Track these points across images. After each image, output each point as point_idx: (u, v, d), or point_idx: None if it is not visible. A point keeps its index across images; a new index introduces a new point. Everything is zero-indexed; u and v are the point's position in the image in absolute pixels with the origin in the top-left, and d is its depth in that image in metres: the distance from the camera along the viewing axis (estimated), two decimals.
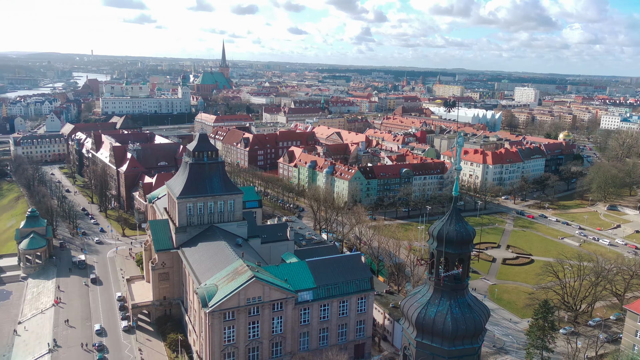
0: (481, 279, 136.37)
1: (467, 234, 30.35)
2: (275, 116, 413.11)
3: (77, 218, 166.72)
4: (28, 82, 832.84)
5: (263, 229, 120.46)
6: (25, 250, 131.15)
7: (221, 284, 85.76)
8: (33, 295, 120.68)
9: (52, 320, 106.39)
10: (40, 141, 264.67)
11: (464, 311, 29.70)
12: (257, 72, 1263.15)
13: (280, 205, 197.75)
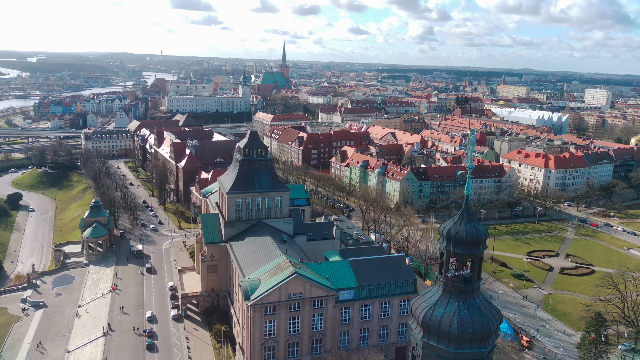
0: (535, 288, 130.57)
1: (477, 235, 29.32)
2: (331, 116, 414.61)
3: (137, 210, 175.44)
4: (102, 80, 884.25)
5: (309, 227, 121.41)
6: (88, 239, 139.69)
7: (264, 278, 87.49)
8: (93, 281, 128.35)
9: (109, 306, 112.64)
10: (108, 136, 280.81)
11: (473, 314, 28.71)
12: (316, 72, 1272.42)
13: (330, 204, 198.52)
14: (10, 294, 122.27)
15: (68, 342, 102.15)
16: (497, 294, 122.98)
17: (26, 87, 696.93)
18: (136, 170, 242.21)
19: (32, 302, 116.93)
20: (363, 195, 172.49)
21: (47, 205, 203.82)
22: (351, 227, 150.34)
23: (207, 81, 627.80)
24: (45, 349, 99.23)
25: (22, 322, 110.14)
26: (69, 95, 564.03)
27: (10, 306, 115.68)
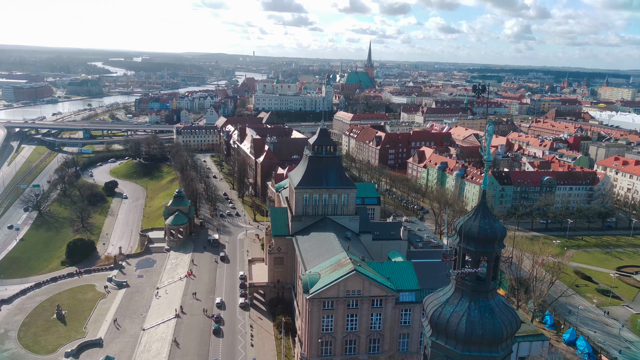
0: (622, 306, 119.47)
1: (491, 232, 27.36)
2: (413, 116, 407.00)
3: (217, 201, 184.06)
4: (197, 79, 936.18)
5: (376, 226, 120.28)
6: (170, 226, 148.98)
7: (324, 273, 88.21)
8: (172, 265, 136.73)
9: (183, 290, 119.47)
10: (197, 131, 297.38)
11: (484, 315, 26.88)
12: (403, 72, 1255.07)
13: (404, 205, 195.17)
14: (99, 272, 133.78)
15: (144, 321, 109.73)
16: (577, 308, 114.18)
17: (130, 84, 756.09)
18: (220, 164, 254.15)
19: (116, 281, 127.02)
20: (437, 197, 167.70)
21: (138, 194, 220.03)
22: (422, 230, 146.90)
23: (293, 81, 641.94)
24: (121, 325, 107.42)
25: (107, 299, 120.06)
26: (167, 92, 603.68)
27: (98, 284, 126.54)
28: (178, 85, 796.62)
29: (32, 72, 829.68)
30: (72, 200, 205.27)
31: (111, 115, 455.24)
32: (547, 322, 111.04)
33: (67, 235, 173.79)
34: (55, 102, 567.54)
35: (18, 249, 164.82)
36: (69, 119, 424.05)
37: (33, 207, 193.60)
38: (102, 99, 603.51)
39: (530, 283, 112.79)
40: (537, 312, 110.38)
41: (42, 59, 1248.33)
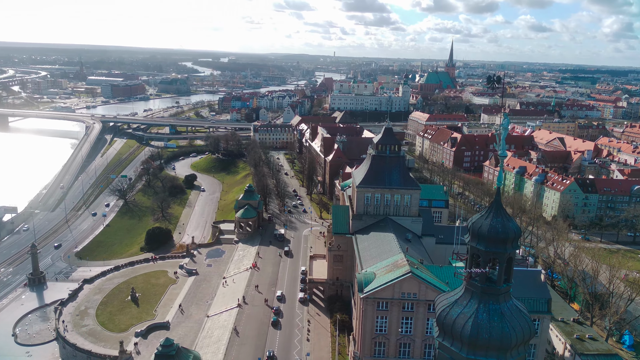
0: None
1: (503, 231, 25.46)
2: (494, 117, 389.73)
3: (286, 197, 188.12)
4: (278, 79, 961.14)
5: (441, 229, 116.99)
6: (240, 219, 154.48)
7: (379, 273, 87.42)
8: (239, 257, 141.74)
9: (247, 281, 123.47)
10: (273, 129, 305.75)
11: (492, 319, 25.11)
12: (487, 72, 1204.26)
13: (477, 209, 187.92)
14: (172, 260, 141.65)
15: (209, 308, 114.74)
16: None
17: (215, 83, 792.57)
18: (292, 161, 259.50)
19: (187, 269, 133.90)
20: (511, 202, 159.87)
21: (215, 187, 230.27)
22: None
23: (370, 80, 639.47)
24: (187, 310, 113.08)
25: (177, 285, 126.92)
26: (249, 92, 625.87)
27: (170, 270, 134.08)
28: (260, 84, 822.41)
29: (128, 71, 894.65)
30: (155, 191, 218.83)
31: (196, 112, 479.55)
32: (625, 342, 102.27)
33: (147, 223, 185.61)
34: (147, 99, 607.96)
35: (104, 233, 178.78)
36: (158, 115, 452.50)
37: (120, 196, 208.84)
38: (190, 97, 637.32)
39: (606, 298, 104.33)
40: (614, 331, 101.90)
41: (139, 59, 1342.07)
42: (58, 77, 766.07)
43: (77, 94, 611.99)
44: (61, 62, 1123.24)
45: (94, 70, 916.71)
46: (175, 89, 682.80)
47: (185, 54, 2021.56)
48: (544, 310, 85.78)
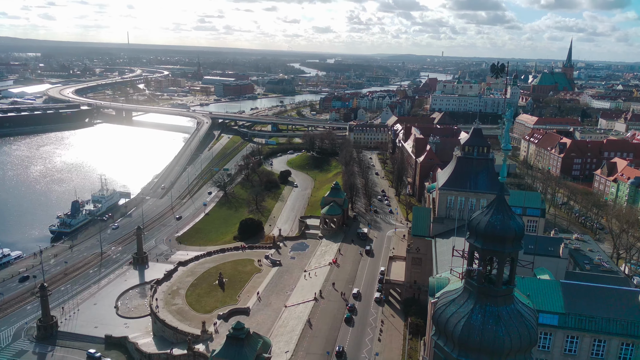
0: None
1: (502, 229, 22.95)
2: (613, 123, 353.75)
3: (374, 197, 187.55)
4: (381, 80, 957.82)
5: (532, 239, 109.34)
6: (325, 215, 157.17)
7: (454, 279, 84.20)
8: (321, 252, 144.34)
9: (326, 276, 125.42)
10: (368, 129, 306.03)
11: (487, 321, 22.81)
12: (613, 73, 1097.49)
13: (581, 221, 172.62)
14: (259, 250, 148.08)
15: (288, 299, 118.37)
16: None
17: (319, 84, 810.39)
18: (384, 161, 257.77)
19: (272, 259, 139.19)
20: (621, 215, 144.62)
21: (308, 184, 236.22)
22: (595, 251, 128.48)
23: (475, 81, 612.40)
24: (265, 299, 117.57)
25: (261, 274, 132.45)
26: (350, 92, 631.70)
27: (256, 259, 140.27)
28: (362, 85, 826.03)
29: (240, 72, 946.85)
30: (252, 185, 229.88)
31: (298, 111, 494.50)
32: None
33: (242, 214, 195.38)
34: (254, 98, 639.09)
35: (203, 221, 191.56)
36: (263, 113, 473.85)
37: (220, 188, 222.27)
38: (294, 96, 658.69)
39: None
40: None
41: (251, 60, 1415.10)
42: (178, 76, 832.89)
43: (193, 92, 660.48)
44: (182, 63, 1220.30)
45: (210, 70, 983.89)
46: (281, 89, 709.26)
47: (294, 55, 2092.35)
48: (638, 335, 76.97)
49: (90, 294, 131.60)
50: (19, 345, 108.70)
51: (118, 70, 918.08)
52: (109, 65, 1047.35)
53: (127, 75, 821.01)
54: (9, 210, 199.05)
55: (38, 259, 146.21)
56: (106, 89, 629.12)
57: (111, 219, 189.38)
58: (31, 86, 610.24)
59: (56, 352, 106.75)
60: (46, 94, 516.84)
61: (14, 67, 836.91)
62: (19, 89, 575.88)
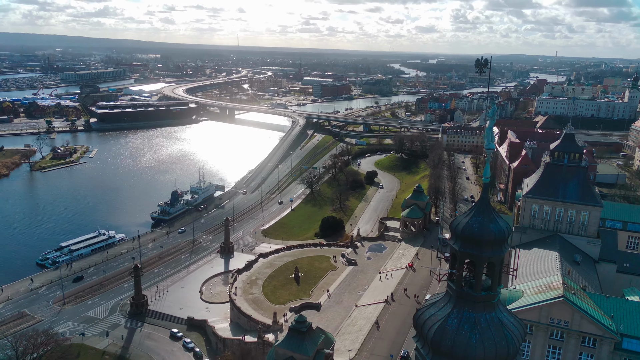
0: None
1: (479, 232, 20.66)
2: None
3: (461, 202, 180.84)
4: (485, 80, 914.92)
5: (627, 257, 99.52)
6: (405, 217, 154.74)
7: (528, 292, 79.29)
8: (398, 255, 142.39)
9: (400, 279, 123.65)
10: (462, 132, 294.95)
11: (462, 327, 20.68)
12: None
13: None
14: (337, 247, 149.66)
15: (359, 299, 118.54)
16: None
17: (417, 84, 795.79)
18: (477, 166, 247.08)
19: (348, 258, 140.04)
20: None
21: (393, 185, 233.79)
22: None
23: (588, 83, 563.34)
24: (337, 296, 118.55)
25: (336, 272, 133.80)
26: (449, 93, 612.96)
27: (333, 257, 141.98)
28: (464, 86, 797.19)
29: (339, 72, 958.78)
30: (338, 184, 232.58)
31: (392, 112, 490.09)
32: None
33: (326, 212, 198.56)
34: (350, 99, 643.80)
35: (288, 217, 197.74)
36: (356, 114, 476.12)
37: (307, 185, 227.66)
38: (391, 97, 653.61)
39: None
40: None
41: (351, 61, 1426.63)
42: (280, 77, 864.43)
43: (292, 93, 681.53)
44: (285, 64, 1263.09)
45: (311, 71, 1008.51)
46: (378, 90, 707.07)
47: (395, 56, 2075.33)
48: None
49: (179, 277, 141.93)
50: (113, 318, 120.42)
51: (226, 71, 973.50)
52: (218, 66, 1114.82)
53: (234, 76, 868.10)
54: (119, 196, 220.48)
55: (137, 243, 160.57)
56: (214, 89, 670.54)
57: (205, 209, 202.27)
58: (149, 85, 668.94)
59: (144, 328, 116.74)
60: (160, 92, 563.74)
61: (136, 67, 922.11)
62: (137, 87, 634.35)
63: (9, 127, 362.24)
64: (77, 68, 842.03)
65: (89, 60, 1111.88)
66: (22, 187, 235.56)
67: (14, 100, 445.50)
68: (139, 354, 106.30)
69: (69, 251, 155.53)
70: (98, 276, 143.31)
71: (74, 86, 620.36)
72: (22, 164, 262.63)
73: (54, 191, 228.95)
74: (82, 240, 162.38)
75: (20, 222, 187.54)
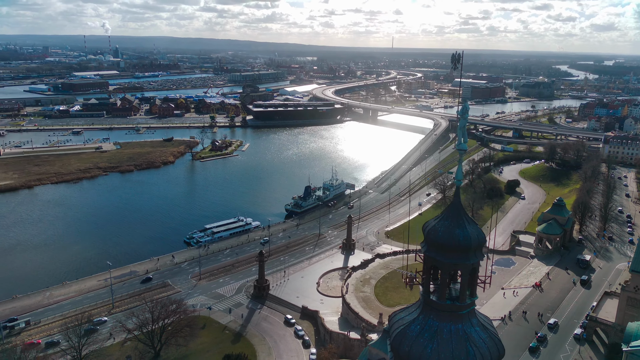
0: None
1: (442, 236, 17.54)
2: None
3: (613, 221, 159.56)
4: None
5: None
6: (540, 232, 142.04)
7: None
8: (527, 272, 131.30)
9: (523, 298, 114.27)
10: (629, 142, 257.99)
11: (422, 335, 17.88)
12: None
13: None
14: None
15: None
16: None
17: (585, 88, 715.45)
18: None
19: None
20: None
21: (538, 197, 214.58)
22: None
23: None
24: None
25: None
26: (623, 99, 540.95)
27: None
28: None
29: (494, 74, 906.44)
30: (474, 191, 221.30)
31: (550, 118, 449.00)
32: None
33: None
34: (504, 102, 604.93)
35: (414, 220, 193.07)
36: (508, 118, 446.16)
37: (440, 190, 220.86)
38: (551, 101, 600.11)
39: None
40: None
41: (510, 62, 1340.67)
42: (430, 78, 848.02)
43: (440, 95, 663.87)
44: (438, 66, 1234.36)
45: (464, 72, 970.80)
46: (537, 93, 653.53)
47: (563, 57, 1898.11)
48: None
49: (301, 267, 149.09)
50: (238, 298, 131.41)
51: (376, 73, 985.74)
52: (369, 68, 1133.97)
53: (382, 78, 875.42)
54: (259, 187, 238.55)
55: (267, 232, 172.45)
56: (361, 90, 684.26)
57: (334, 206, 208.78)
58: (302, 86, 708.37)
59: (262, 310, 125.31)
60: (311, 93, 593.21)
61: (293, 69, 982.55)
62: (292, 87, 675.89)
63: (181, 120, 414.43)
64: (242, 69, 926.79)
65: (254, 62, 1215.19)
66: (182, 174, 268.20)
67: (188, 97, 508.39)
68: (254, 334, 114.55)
69: (212, 233, 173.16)
70: (232, 258, 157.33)
71: (238, 86, 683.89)
72: (185, 153, 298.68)
73: (207, 179, 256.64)
74: (223, 224, 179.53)
75: (176, 203, 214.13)
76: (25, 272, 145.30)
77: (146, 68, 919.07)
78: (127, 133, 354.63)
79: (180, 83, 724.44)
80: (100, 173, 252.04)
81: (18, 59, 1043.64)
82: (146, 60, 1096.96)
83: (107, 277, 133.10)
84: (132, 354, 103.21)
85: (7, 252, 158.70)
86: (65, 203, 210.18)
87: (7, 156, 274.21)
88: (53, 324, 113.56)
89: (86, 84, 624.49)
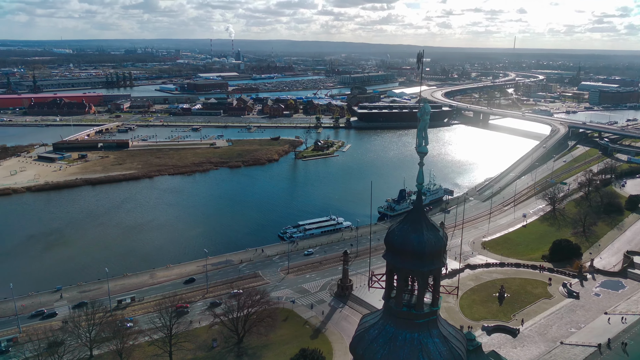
0: None
1: (398, 241, 15.55)
2: None
3: None
4: None
5: None
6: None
7: None
8: (638, 298, 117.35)
9: (629, 326, 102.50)
10: None
11: (377, 339, 16.22)
12: None
13: None
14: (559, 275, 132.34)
15: (569, 336, 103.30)
16: None
17: None
18: None
19: (569, 289, 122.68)
20: None
21: None
22: None
23: None
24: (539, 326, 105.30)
25: (550, 301, 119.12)
26: None
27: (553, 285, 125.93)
28: None
29: (629, 77, 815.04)
30: (589, 204, 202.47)
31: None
32: None
33: (564, 234, 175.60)
34: (638, 108, 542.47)
35: (517, 232, 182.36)
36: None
37: (549, 202, 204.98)
38: None
39: None
40: None
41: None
42: (553, 81, 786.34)
43: (563, 99, 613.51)
44: (563, 67, 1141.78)
45: (594, 75, 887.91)
46: None
47: None
48: None
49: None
50: (321, 295, 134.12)
51: (492, 75, 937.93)
52: (486, 69, 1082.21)
53: (499, 80, 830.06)
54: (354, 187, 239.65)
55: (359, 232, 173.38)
56: (474, 92, 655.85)
57: (430, 211, 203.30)
58: (411, 88, 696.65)
59: (344, 310, 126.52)
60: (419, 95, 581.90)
61: (404, 70, 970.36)
62: (400, 89, 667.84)
63: (289, 120, 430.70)
64: (352, 71, 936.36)
65: (365, 64, 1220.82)
66: (285, 171, 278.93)
67: (298, 98, 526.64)
68: (333, 332, 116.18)
69: (304, 229, 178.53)
70: (320, 255, 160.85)
71: (347, 88, 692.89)
72: (289, 152, 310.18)
73: (306, 177, 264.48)
74: (316, 221, 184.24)
75: (275, 199, 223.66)
76: (137, 253, 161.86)
77: (263, 70, 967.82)
78: (240, 131, 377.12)
79: (292, 85, 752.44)
80: (212, 167, 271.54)
81: (153, 61, 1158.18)
82: (264, 62, 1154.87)
83: (205, 264, 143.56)
84: (218, 338, 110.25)
85: (124, 234, 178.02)
86: (179, 192, 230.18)
87: (135, 148, 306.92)
88: (153, 302, 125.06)
89: (208, 84, 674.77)
